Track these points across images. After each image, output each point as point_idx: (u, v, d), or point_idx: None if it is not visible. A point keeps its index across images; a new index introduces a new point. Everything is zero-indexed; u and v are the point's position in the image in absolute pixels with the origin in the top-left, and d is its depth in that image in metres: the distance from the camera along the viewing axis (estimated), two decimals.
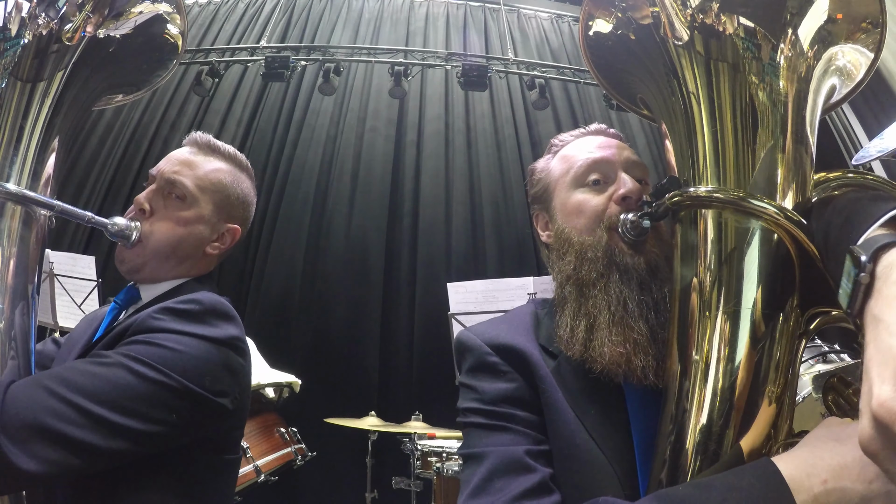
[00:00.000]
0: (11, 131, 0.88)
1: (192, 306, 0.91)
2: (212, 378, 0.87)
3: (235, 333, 0.94)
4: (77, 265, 3.04)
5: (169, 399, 0.82)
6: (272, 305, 4.51)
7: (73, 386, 0.76)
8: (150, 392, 0.80)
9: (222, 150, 1.10)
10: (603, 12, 0.87)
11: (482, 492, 0.70)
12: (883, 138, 1.60)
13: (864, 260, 0.45)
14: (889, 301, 0.41)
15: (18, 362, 0.84)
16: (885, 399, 0.35)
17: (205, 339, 0.88)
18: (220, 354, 0.89)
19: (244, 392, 0.97)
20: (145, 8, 1.04)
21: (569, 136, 0.97)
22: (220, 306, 0.95)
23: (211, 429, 0.92)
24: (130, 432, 0.78)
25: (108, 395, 0.77)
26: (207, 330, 0.89)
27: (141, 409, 0.79)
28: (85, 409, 0.75)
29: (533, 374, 0.79)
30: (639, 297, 0.77)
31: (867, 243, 0.47)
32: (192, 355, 0.85)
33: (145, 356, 0.82)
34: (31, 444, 0.71)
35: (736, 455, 0.60)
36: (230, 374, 0.91)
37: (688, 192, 0.70)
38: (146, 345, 0.84)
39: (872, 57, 0.76)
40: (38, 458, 0.71)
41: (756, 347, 0.63)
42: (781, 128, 0.69)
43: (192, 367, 0.85)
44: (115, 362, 0.81)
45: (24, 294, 0.87)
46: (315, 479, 3.77)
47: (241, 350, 0.95)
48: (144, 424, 0.79)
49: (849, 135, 3.92)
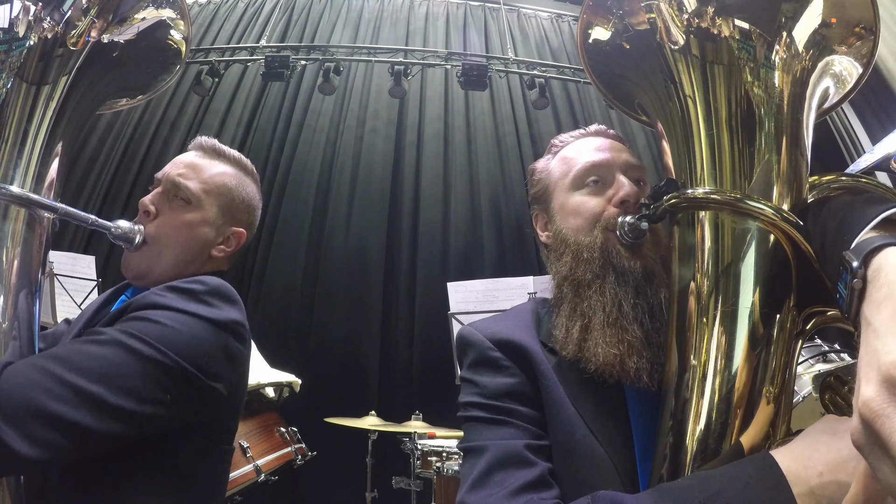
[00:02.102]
0: (16, 134, 0.88)
1: (196, 286, 0.90)
2: (209, 360, 0.85)
3: (237, 318, 0.93)
4: (77, 265, 3.04)
5: (163, 377, 0.80)
6: (272, 305, 4.51)
7: (68, 364, 0.75)
8: (144, 369, 0.79)
9: (227, 155, 1.10)
10: (601, 19, 0.88)
11: (482, 484, 0.71)
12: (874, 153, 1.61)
13: (855, 266, 0.46)
14: (877, 304, 0.42)
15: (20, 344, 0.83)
16: (867, 398, 0.37)
17: (204, 319, 0.87)
18: (218, 337, 0.88)
19: (240, 380, 0.95)
20: (149, 14, 1.04)
21: (569, 137, 0.98)
22: (223, 289, 0.93)
23: (204, 414, 0.90)
24: (125, 413, 0.77)
25: (103, 373, 0.76)
26: (208, 311, 0.88)
27: (135, 388, 0.78)
28: (79, 388, 0.74)
29: (534, 369, 0.80)
30: (634, 301, 0.78)
31: (859, 247, 0.48)
32: (189, 334, 0.84)
33: (142, 332, 0.81)
34: (25, 426, 0.69)
35: (736, 452, 0.61)
36: (227, 358, 0.89)
37: (685, 193, 0.71)
38: (144, 321, 0.83)
39: (866, 61, 0.77)
40: (33, 439, 0.70)
41: (754, 347, 0.63)
42: (777, 130, 0.70)
43: (189, 347, 0.83)
44: (111, 339, 0.80)
45: (27, 296, 0.87)
46: (315, 479, 3.77)
47: (241, 335, 0.94)
48: (138, 404, 0.78)
49: (849, 135, 3.92)
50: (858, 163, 0.91)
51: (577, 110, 5.40)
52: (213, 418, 0.94)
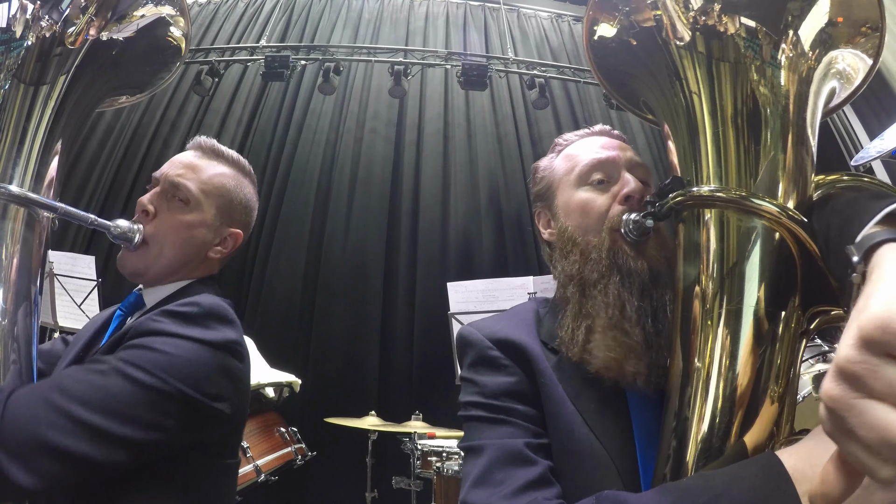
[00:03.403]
0: (15, 133, 0.88)
1: (191, 309, 0.90)
2: (209, 382, 0.86)
3: (233, 337, 0.93)
4: (77, 265, 3.04)
5: (166, 404, 0.81)
6: (272, 305, 4.51)
7: (70, 395, 0.76)
8: (146, 398, 0.80)
9: (226, 155, 1.10)
10: (606, 17, 0.88)
11: (483, 483, 0.71)
12: (883, 139, 1.61)
13: (855, 261, 0.46)
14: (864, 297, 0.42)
15: (21, 366, 0.84)
16: (825, 389, 0.39)
17: (202, 342, 0.87)
18: (217, 358, 0.88)
19: (242, 397, 0.96)
20: (148, 11, 1.04)
21: (573, 136, 0.98)
22: (219, 309, 0.94)
23: (209, 434, 0.91)
24: (129, 442, 0.78)
25: (106, 404, 0.77)
26: (205, 333, 0.89)
27: (138, 416, 0.79)
28: (82, 420, 0.75)
29: (533, 368, 0.80)
30: (638, 303, 0.77)
31: (861, 242, 0.47)
32: (188, 359, 0.85)
33: (141, 361, 0.81)
34: (29, 459, 0.71)
35: (740, 452, 0.61)
36: (227, 378, 0.90)
37: (690, 191, 0.70)
38: (143, 349, 0.83)
39: (871, 62, 0.76)
40: (37, 472, 0.71)
41: (758, 346, 0.63)
42: (783, 128, 0.70)
43: (189, 371, 0.84)
44: (112, 368, 0.81)
45: (27, 295, 0.87)
46: (315, 479, 3.77)
47: (240, 354, 0.94)
48: (142, 432, 0.79)
49: (849, 135, 3.93)
50: (868, 149, 0.91)
51: (577, 110, 5.40)
52: (218, 436, 0.95)
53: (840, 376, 0.38)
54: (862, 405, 0.36)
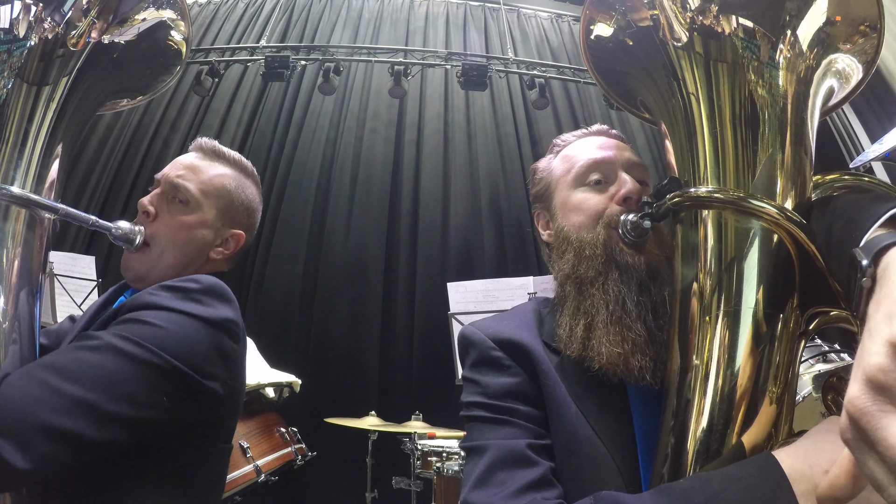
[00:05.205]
0: (16, 135, 0.88)
1: (190, 284, 0.89)
2: (203, 359, 0.85)
3: (230, 316, 0.92)
4: (77, 265, 3.04)
5: (158, 379, 0.80)
6: (272, 305, 4.51)
7: (63, 373, 0.75)
8: (139, 373, 0.78)
9: (227, 156, 1.10)
10: (604, 16, 0.88)
11: (485, 483, 0.70)
12: (882, 143, 1.62)
13: (864, 264, 0.46)
14: (876, 303, 0.42)
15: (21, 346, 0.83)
16: (852, 396, 0.38)
17: (198, 318, 0.86)
18: (211, 336, 0.87)
19: (236, 378, 0.95)
20: (149, 14, 1.04)
21: (571, 137, 0.98)
22: (217, 287, 0.92)
23: (202, 414, 0.90)
24: (122, 420, 0.76)
25: (99, 380, 0.76)
26: (201, 309, 0.87)
27: (131, 393, 0.77)
28: (76, 398, 0.73)
29: (535, 368, 0.80)
30: (637, 298, 0.77)
31: (868, 245, 0.47)
32: (182, 334, 0.83)
33: (135, 335, 0.80)
34: (23, 439, 0.69)
35: (738, 452, 0.61)
36: (221, 357, 0.89)
37: (688, 192, 0.70)
38: (137, 323, 0.82)
39: (870, 61, 0.76)
40: (31, 453, 0.69)
41: (757, 346, 0.63)
42: (781, 128, 0.70)
43: (183, 347, 0.83)
44: (105, 344, 0.79)
45: (28, 295, 0.87)
46: (315, 479, 3.77)
47: (235, 334, 0.93)
48: (136, 410, 0.78)
49: (849, 135, 3.93)
50: (868, 153, 0.91)
51: (577, 110, 5.40)
52: (211, 417, 0.93)
53: (869, 385, 0.37)
54: (888, 420, 0.36)
